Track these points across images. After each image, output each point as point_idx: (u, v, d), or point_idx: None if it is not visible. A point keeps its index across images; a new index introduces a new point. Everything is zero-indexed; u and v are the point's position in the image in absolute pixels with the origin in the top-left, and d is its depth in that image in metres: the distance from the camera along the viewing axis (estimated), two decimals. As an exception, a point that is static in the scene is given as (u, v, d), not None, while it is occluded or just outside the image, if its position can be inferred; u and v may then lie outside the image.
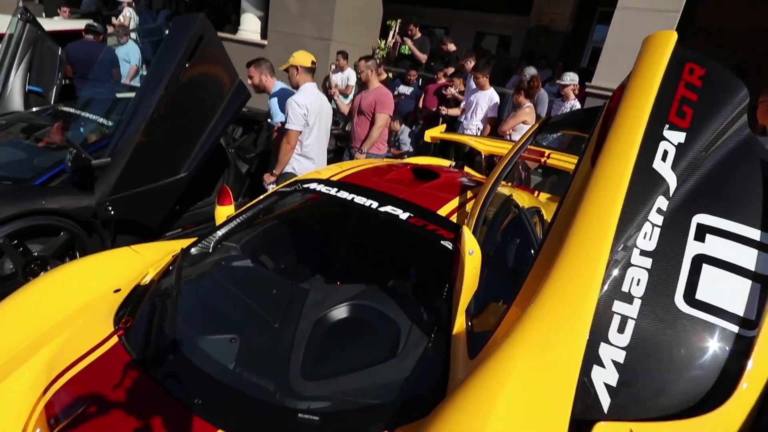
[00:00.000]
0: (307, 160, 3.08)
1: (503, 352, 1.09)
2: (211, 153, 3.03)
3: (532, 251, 1.81)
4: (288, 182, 2.27)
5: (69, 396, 1.29)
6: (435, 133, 4.15)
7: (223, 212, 2.21)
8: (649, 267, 1.10)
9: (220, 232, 2.04)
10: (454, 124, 5.32)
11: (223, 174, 3.65)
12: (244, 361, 1.40)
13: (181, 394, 1.25)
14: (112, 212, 2.69)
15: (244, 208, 2.17)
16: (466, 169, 3.30)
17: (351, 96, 5.98)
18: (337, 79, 6.21)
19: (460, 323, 1.37)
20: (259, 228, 2.10)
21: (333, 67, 6.34)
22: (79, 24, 6.13)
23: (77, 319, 1.54)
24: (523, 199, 2.34)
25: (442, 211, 1.85)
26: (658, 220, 1.15)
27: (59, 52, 4.11)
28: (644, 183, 1.17)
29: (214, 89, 2.89)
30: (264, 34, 7.89)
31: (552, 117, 2.13)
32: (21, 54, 3.82)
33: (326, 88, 6.28)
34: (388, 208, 1.83)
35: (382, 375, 1.39)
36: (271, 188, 3.13)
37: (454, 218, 1.82)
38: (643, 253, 1.12)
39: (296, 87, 3.11)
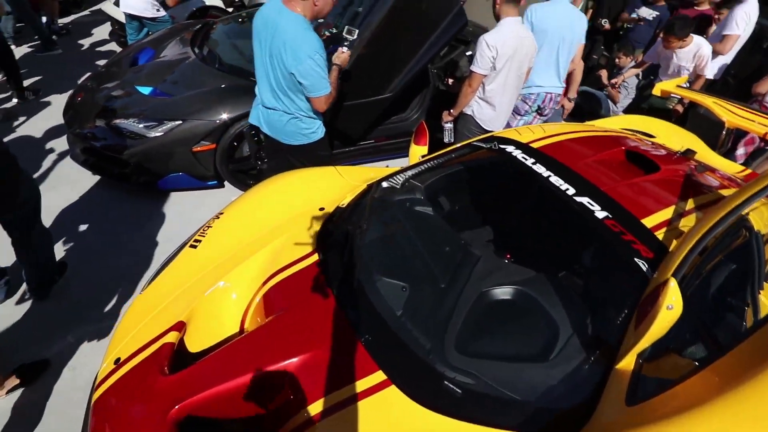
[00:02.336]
0: (489, 106, 2.86)
1: (688, 421, 1.00)
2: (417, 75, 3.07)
3: (749, 298, 1.52)
4: (484, 137, 2.23)
5: (278, 294, 1.66)
6: (670, 86, 3.44)
7: (417, 151, 2.31)
8: None
9: (410, 172, 2.16)
10: None
11: (420, 93, 3.69)
12: (409, 312, 1.58)
13: (356, 324, 1.50)
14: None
15: (437, 153, 2.23)
16: (701, 153, 2.67)
17: None
18: None
19: (626, 362, 1.29)
20: (447, 177, 2.15)
21: None
22: None
23: (291, 228, 1.89)
24: (762, 216, 1.89)
25: (650, 221, 1.63)
26: None
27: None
28: None
29: (435, 11, 2.81)
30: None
31: None
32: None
33: None
34: (585, 200, 1.69)
35: (530, 374, 1.43)
36: (448, 127, 3.08)
37: (661, 233, 1.59)
38: None
39: (497, 20, 2.79)
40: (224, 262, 1.78)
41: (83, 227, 2.90)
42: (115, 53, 4.82)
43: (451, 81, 3.12)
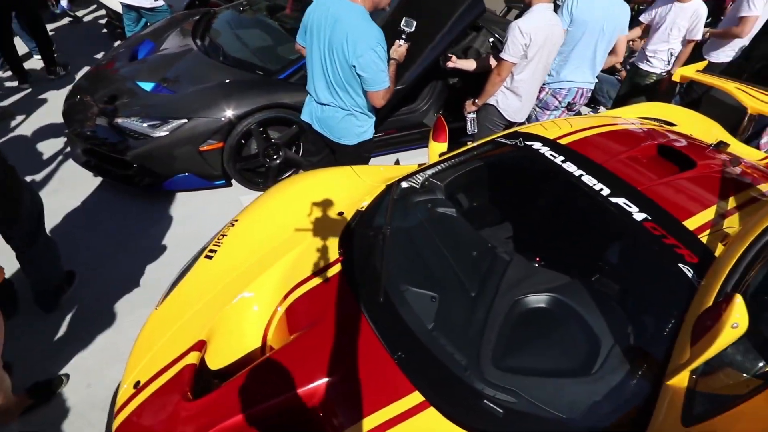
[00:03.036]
0: (515, 96, 2.74)
1: None
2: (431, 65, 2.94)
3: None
4: (508, 132, 2.12)
5: (302, 308, 1.58)
6: (689, 72, 3.31)
7: (437, 149, 2.21)
8: None
9: (430, 171, 2.06)
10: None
11: (430, 84, 3.56)
12: (441, 325, 1.50)
13: (386, 340, 1.42)
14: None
15: (458, 151, 2.13)
16: (734, 147, 2.51)
17: None
18: None
19: (680, 378, 1.22)
20: (468, 176, 2.06)
21: None
22: None
23: (309, 235, 1.80)
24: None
25: (692, 223, 1.54)
26: None
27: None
28: None
29: (449, -2, 2.67)
30: None
31: None
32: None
33: None
34: (621, 201, 1.60)
35: (572, 390, 1.36)
36: (471, 117, 2.95)
37: (705, 237, 1.51)
38: None
39: (528, 6, 2.64)
40: (242, 273, 1.70)
41: (88, 233, 2.81)
42: (114, 46, 4.68)
43: (450, 62, 2.98)
